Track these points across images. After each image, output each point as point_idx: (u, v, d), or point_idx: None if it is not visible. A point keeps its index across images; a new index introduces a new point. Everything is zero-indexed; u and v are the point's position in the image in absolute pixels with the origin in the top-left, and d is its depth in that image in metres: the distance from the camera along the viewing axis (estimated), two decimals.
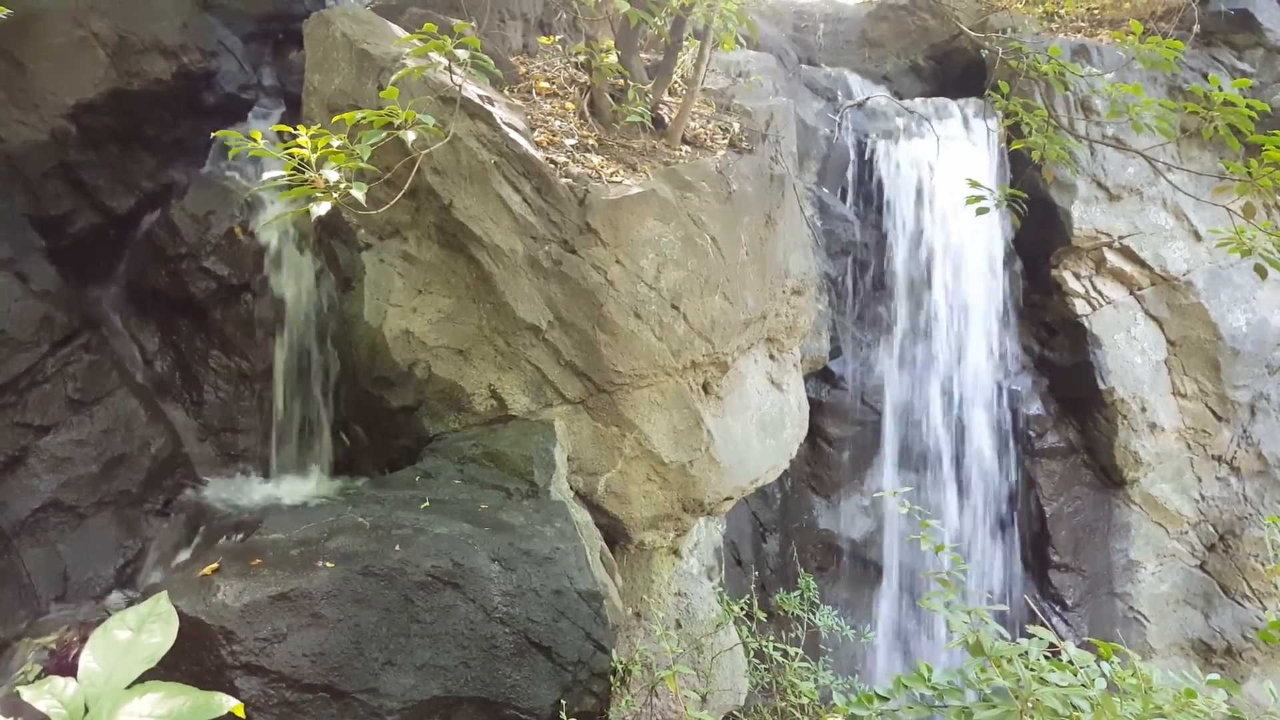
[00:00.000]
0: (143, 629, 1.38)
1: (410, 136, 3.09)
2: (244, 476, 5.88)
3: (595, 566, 4.28)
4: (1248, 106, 4.01)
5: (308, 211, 2.92)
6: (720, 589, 6.30)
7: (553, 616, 3.81)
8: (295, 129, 3.13)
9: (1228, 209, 4.22)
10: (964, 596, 3.33)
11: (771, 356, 6.03)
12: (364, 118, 3.10)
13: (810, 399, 6.81)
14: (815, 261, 7.31)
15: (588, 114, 5.51)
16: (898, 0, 9.61)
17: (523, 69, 5.91)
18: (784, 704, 5.07)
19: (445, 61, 3.52)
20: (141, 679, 1.32)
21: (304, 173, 2.98)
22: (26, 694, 1.27)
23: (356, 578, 3.58)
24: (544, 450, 4.65)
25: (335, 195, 2.94)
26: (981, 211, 4.77)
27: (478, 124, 4.68)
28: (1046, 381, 8.59)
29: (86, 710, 1.25)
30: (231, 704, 1.27)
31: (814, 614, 6.43)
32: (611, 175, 4.97)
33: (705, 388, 5.29)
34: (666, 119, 5.66)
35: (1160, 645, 8.37)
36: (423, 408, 5.06)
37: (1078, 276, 8.34)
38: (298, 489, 5.60)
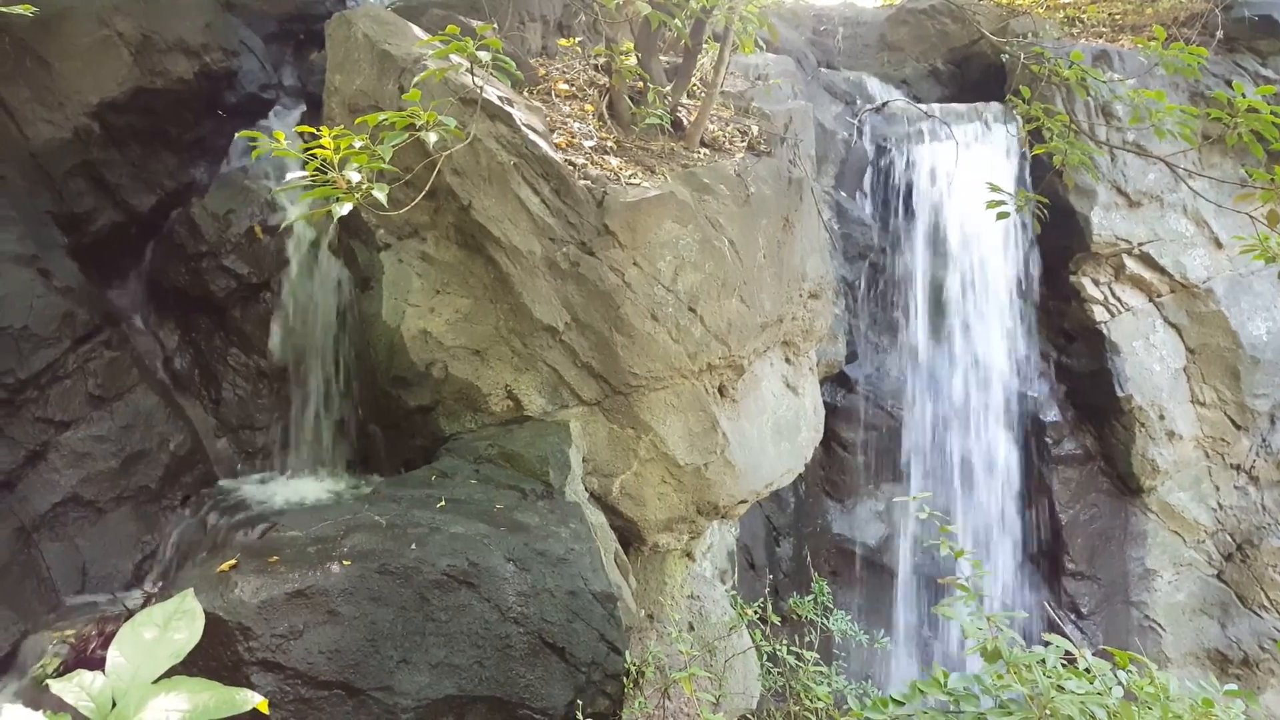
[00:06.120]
0: (169, 626, 1.39)
1: (432, 138, 3.10)
2: (261, 474, 5.92)
3: (610, 568, 4.28)
4: (1272, 113, 3.99)
5: (329, 212, 2.94)
6: (733, 592, 6.30)
7: (567, 617, 3.81)
8: (317, 129, 3.15)
9: (1250, 216, 4.19)
10: (980, 603, 3.32)
11: (787, 360, 6.02)
12: (386, 119, 3.12)
13: (825, 403, 6.80)
14: (832, 265, 7.30)
15: (606, 116, 5.52)
16: (917, 4, 9.60)
17: (542, 71, 5.93)
18: (797, 708, 5.06)
19: (466, 63, 3.53)
20: (167, 674, 1.33)
21: (326, 173, 3.00)
22: (56, 687, 1.28)
23: (373, 576, 3.59)
24: (559, 451, 4.66)
25: (357, 196, 2.96)
26: (1001, 216, 4.76)
27: (497, 125, 4.69)
28: (1064, 388, 8.55)
29: (114, 705, 1.27)
30: (256, 700, 1.28)
31: (827, 619, 6.41)
32: (630, 177, 4.98)
33: (721, 390, 5.29)
34: (685, 121, 5.66)
35: (1176, 655, 8.32)
36: (439, 407, 5.08)
37: (1096, 283, 8.30)
38: (315, 487, 5.63)
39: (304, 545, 3.75)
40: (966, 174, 7.77)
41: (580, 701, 3.68)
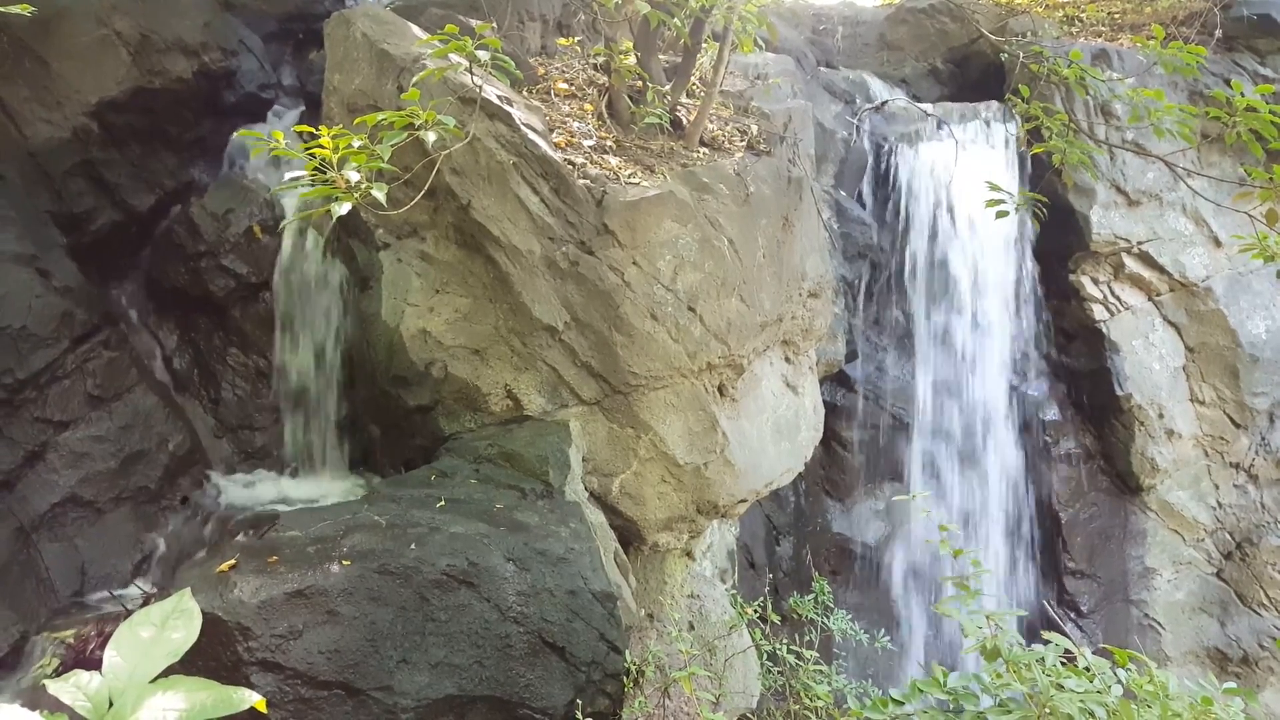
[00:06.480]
0: (166, 625, 1.39)
1: (431, 138, 3.10)
2: (261, 474, 5.91)
3: (609, 567, 4.28)
4: (1270, 112, 3.99)
5: (329, 211, 2.93)
6: (733, 591, 6.30)
7: (567, 617, 3.81)
8: (316, 129, 3.15)
9: (1249, 215, 4.19)
10: (980, 602, 3.32)
11: (787, 359, 6.02)
12: (385, 118, 3.12)
13: (825, 402, 6.80)
14: (832, 264, 7.30)
15: (606, 115, 5.51)
16: (917, 3, 9.59)
17: (541, 70, 5.92)
18: (797, 707, 5.06)
19: (465, 62, 3.53)
20: (165, 674, 1.33)
21: (325, 173, 3.00)
22: (52, 687, 1.28)
23: (372, 575, 3.59)
24: (559, 451, 4.66)
25: (356, 195, 2.95)
26: (1001, 215, 4.76)
27: (496, 125, 4.69)
28: (1064, 387, 8.56)
29: (111, 704, 1.27)
30: (254, 699, 1.28)
31: (828, 618, 6.41)
32: (629, 177, 4.97)
33: (721, 390, 5.29)
34: (685, 121, 5.66)
35: (1175, 653, 8.33)
36: (439, 407, 5.08)
37: (1096, 282, 8.31)
38: (314, 487, 5.62)
39: (303, 545, 3.75)
40: (966, 173, 7.76)
41: (580, 701, 3.68)
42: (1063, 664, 3.08)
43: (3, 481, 5.00)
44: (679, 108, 5.73)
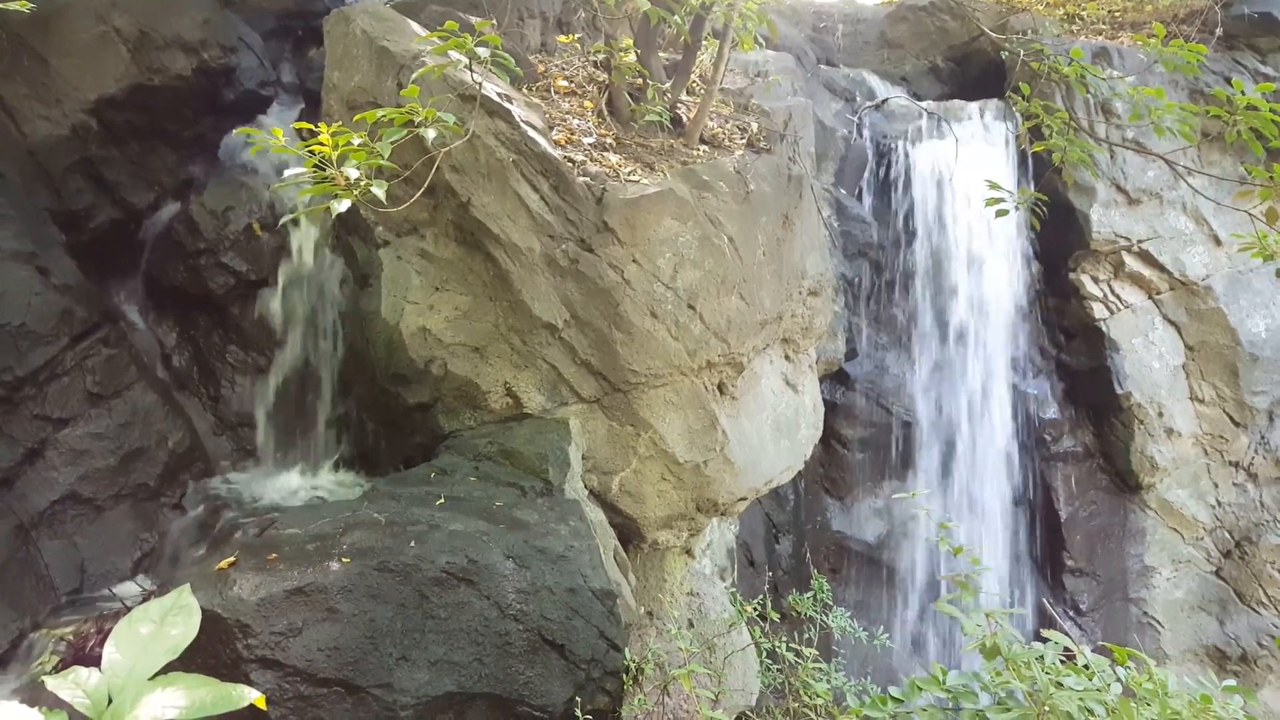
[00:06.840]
0: (165, 621, 1.39)
1: (430, 135, 3.09)
2: (260, 471, 5.91)
3: (609, 565, 4.28)
4: (1271, 110, 3.98)
5: (328, 208, 2.93)
6: (733, 589, 6.30)
7: (566, 614, 3.81)
8: (315, 126, 3.14)
9: (1249, 214, 4.18)
10: (979, 600, 3.32)
11: (787, 357, 6.02)
12: (385, 116, 3.11)
13: (825, 400, 6.80)
14: (832, 262, 7.29)
15: (606, 113, 5.51)
16: (917, 1, 9.59)
17: (541, 67, 5.92)
18: (797, 705, 5.06)
19: (465, 59, 3.52)
20: (164, 671, 1.33)
21: (325, 170, 2.99)
22: (51, 684, 1.28)
23: (372, 573, 3.59)
24: (559, 448, 4.66)
25: (355, 193, 2.95)
26: (1001, 214, 4.75)
27: (496, 122, 4.68)
28: (1063, 385, 8.55)
29: (110, 701, 1.26)
30: (253, 696, 1.28)
31: (827, 616, 6.41)
32: (629, 174, 4.97)
33: (720, 388, 5.29)
34: (685, 118, 5.65)
35: (1174, 651, 8.33)
36: (439, 405, 5.07)
37: (1096, 280, 8.30)
38: (313, 484, 5.62)
39: (303, 543, 3.74)
40: (966, 171, 7.77)
41: (579, 698, 3.67)
42: (1062, 662, 3.08)
43: (2, 479, 5.00)
44: (679, 105, 5.72)
